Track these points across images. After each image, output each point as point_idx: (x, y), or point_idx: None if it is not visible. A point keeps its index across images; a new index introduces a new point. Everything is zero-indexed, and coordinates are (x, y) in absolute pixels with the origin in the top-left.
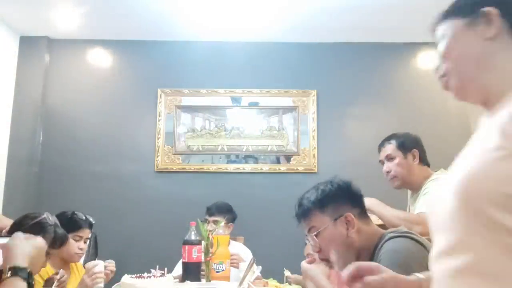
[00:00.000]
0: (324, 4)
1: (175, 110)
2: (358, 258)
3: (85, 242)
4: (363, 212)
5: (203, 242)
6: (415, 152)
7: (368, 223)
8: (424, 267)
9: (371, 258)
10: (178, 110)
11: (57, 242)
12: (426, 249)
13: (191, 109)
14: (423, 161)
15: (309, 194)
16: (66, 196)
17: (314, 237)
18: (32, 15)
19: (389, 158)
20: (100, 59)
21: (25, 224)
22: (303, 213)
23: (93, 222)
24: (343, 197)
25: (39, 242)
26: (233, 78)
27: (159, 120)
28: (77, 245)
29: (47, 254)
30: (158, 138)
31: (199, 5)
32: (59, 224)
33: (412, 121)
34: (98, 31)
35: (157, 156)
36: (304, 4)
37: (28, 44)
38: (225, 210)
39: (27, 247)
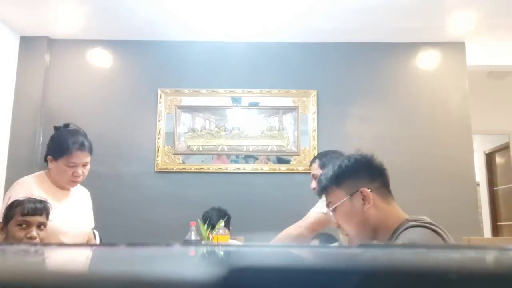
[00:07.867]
0: (324, 4)
1: (175, 110)
2: (375, 237)
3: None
4: (383, 188)
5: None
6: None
7: (389, 201)
8: None
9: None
10: (178, 110)
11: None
12: (445, 241)
13: (191, 109)
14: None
15: (328, 170)
16: None
17: (332, 212)
18: (32, 15)
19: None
20: (100, 59)
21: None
22: (322, 189)
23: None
24: (360, 172)
25: None
26: (233, 78)
27: (159, 120)
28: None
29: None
30: (158, 138)
31: (199, 5)
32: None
33: (412, 121)
34: (98, 31)
35: (157, 156)
36: (304, 4)
37: (28, 44)
38: (224, 215)
39: None
